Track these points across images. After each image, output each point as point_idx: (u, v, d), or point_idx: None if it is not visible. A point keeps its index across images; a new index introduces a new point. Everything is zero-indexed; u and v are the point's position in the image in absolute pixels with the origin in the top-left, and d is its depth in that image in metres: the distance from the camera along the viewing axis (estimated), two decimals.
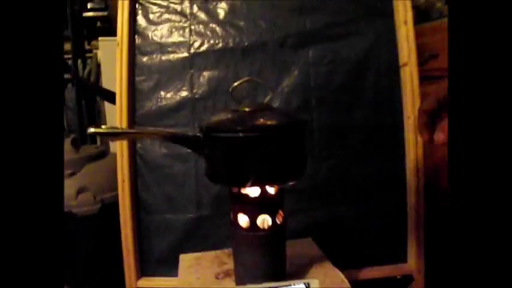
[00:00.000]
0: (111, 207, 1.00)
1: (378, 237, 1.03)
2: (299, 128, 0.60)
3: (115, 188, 1.00)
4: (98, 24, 1.37)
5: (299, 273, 0.74)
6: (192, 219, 1.01)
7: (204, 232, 1.01)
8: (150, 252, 1.02)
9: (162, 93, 1.02)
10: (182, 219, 1.02)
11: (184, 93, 1.02)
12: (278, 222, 0.63)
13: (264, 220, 0.62)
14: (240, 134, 0.54)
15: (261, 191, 0.60)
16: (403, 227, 1.03)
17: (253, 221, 0.61)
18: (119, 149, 0.99)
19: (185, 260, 0.82)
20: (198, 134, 0.61)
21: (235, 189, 0.61)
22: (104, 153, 1.10)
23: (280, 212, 0.64)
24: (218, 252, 0.85)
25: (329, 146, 1.01)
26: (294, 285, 0.61)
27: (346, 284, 0.70)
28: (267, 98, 0.66)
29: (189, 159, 1.00)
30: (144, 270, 1.01)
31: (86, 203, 1.00)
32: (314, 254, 0.82)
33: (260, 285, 0.60)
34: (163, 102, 1.02)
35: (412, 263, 1.00)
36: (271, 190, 0.61)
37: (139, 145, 1.02)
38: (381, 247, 1.03)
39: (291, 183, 0.59)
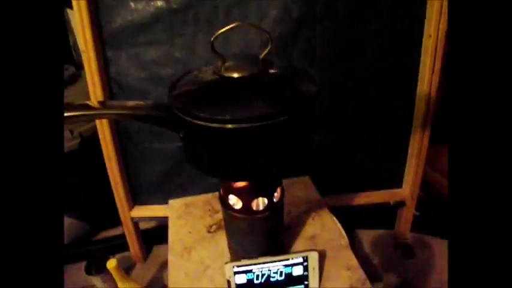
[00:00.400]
0: (92, 140, 0.91)
1: (377, 161, 0.99)
2: (307, 108, 0.47)
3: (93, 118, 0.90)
4: None
5: (296, 227, 0.72)
6: (180, 147, 0.94)
7: None
8: (139, 182, 0.99)
9: (132, 4, 0.82)
10: (169, 148, 0.95)
11: (159, 3, 0.82)
12: (275, 201, 0.56)
13: (260, 202, 0.55)
14: (229, 126, 0.42)
15: None
16: (403, 152, 0.98)
17: (246, 204, 0.54)
18: (89, 76, 0.85)
19: (174, 207, 0.78)
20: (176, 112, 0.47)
21: None
22: (75, 77, 0.95)
23: (278, 189, 0.57)
24: (208, 196, 0.82)
25: (333, 64, 0.87)
26: (292, 259, 0.59)
27: (345, 239, 0.68)
28: (265, 52, 0.51)
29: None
30: (135, 200, 1.00)
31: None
32: (312, 199, 0.78)
33: (257, 260, 0.58)
34: (135, 16, 0.83)
35: (407, 189, 0.99)
36: None
37: (113, 69, 0.88)
38: (378, 171, 1.01)
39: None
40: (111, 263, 0.85)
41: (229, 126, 0.42)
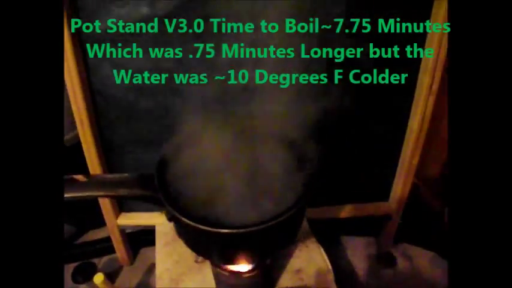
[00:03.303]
0: (77, 148, 0.88)
1: (365, 173, 0.99)
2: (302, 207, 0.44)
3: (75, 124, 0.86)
4: None
5: (282, 259, 0.72)
6: None
7: None
8: None
9: (115, 10, 0.75)
10: (153, 157, 0.92)
11: (144, 10, 0.76)
12: (266, 262, 0.56)
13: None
14: (221, 231, 0.40)
15: None
16: (393, 166, 0.98)
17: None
18: (69, 83, 0.79)
19: (161, 233, 0.77)
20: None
21: None
22: None
23: None
24: None
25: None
26: None
27: (331, 274, 0.70)
28: None
29: (156, 93, 0.84)
30: (122, 207, 0.98)
31: None
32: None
33: None
34: (118, 23, 0.77)
35: (394, 203, 1.00)
36: None
37: (94, 79, 0.82)
38: (365, 184, 1.01)
39: None
40: (98, 278, 0.85)
41: (222, 231, 0.40)
